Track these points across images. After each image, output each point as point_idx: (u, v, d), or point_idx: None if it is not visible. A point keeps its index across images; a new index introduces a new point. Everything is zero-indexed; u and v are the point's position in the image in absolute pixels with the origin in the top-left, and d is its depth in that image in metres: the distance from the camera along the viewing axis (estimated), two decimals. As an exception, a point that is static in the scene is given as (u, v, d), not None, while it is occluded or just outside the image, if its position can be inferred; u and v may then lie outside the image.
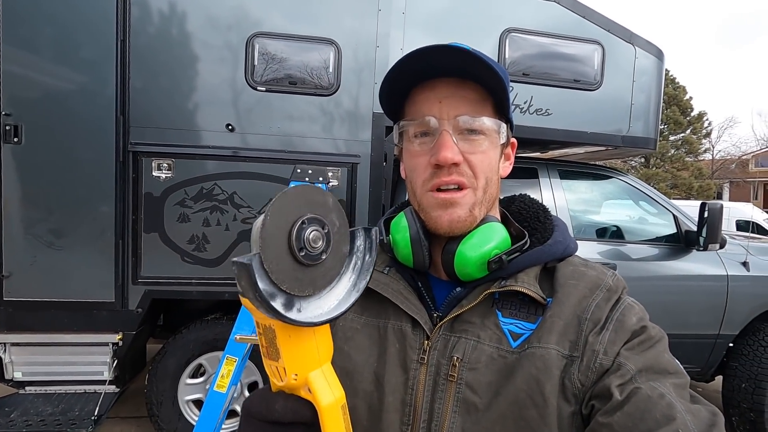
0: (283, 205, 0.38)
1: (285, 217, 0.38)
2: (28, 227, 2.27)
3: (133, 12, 2.31)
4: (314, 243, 0.39)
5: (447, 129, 0.58)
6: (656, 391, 0.49)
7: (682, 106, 21.39)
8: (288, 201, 0.39)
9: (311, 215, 0.39)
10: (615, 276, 0.62)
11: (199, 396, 2.60)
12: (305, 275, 0.39)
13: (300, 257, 0.39)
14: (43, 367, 2.39)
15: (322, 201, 0.41)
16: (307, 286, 0.40)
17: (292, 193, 0.39)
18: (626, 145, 2.89)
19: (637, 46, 2.85)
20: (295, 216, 0.39)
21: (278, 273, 0.37)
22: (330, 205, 0.42)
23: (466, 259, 0.60)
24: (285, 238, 0.38)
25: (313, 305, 0.41)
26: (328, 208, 0.41)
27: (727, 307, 2.88)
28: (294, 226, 0.38)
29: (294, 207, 0.39)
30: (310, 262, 0.39)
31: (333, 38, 2.48)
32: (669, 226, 3.07)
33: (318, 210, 0.40)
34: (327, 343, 0.45)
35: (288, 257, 0.38)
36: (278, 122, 2.47)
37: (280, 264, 0.37)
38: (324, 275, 0.41)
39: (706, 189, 20.27)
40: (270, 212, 0.37)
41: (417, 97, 0.61)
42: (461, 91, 0.59)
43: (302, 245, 0.39)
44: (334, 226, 0.42)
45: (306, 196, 0.40)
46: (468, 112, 0.59)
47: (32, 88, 2.24)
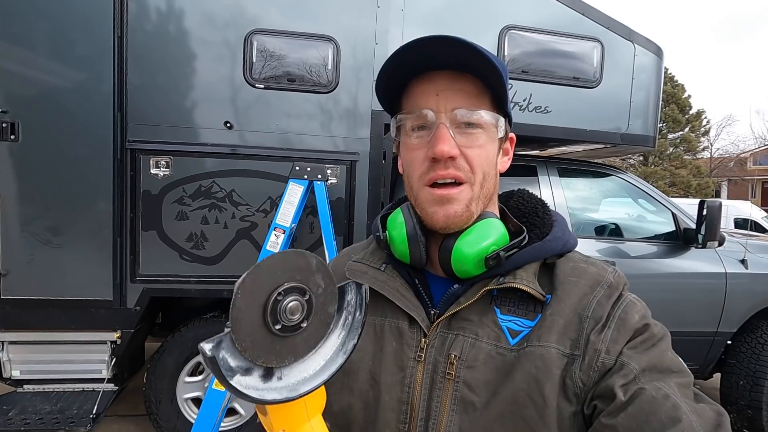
0: (257, 278, 0.37)
1: (259, 291, 0.37)
2: (25, 225, 2.26)
3: (130, 8, 2.30)
4: (291, 315, 0.38)
5: (444, 122, 0.57)
6: (661, 391, 0.48)
7: (680, 104, 21.41)
8: (262, 273, 0.37)
9: (289, 284, 0.38)
10: (616, 272, 0.61)
11: (197, 394, 2.60)
12: (284, 346, 0.38)
13: (276, 331, 0.37)
14: (41, 365, 2.38)
15: (304, 265, 0.39)
16: (287, 355, 0.38)
17: (266, 265, 0.37)
18: (625, 142, 2.89)
19: (636, 43, 2.84)
20: (270, 288, 0.37)
21: (252, 350, 0.36)
22: (313, 268, 0.40)
23: (463, 256, 0.59)
24: (259, 314, 0.37)
25: (296, 370, 0.40)
26: (311, 271, 0.40)
27: (726, 304, 2.88)
28: (269, 300, 0.37)
29: (270, 278, 0.37)
30: (288, 333, 0.38)
31: (332, 35, 2.47)
32: (668, 223, 3.07)
33: (298, 276, 0.39)
34: (317, 399, 0.44)
35: (263, 332, 0.37)
36: (277, 120, 2.46)
37: (255, 341, 0.36)
38: (306, 341, 0.40)
39: (705, 187, 20.31)
40: (241, 289, 0.35)
41: (414, 89, 0.60)
42: (459, 83, 0.58)
43: (278, 318, 0.37)
44: (318, 289, 0.40)
45: (285, 263, 0.38)
46: (465, 106, 0.58)
47: (29, 85, 2.22)
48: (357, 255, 0.70)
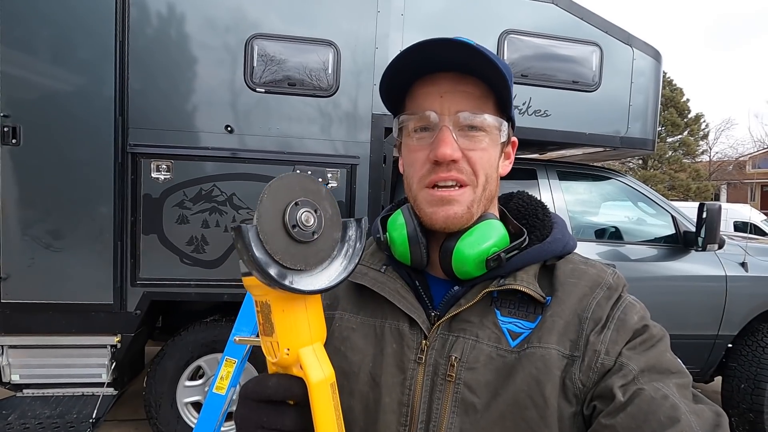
0: (280, 186, 0.42)
1: (281, 197, 0.42)
2: (26, 229, 2.26)
3: (132, 13, 2.32)
4: (306, 222, 0.42)
5: (447, 125, 0.57)
6: (660, 392, 0.49)
7: (679, 108, 21.48)
8: (284, 184, 0.42)
9: (305, 199, 0.43)
10: (615, 274, 0.61)
11: (197, 398, 2.59)
12: (297, 251, 0.42)
13: (293, 233, 0.42)
14: (41, 369, 2.37)
15: (316, 189, 0.44)
16: (299, 261, 0.42)
17: (288, 177, 0.43)
18: (624, 146, 2.90)
19: (634, 47, 2.86)
20: (290, 197, 0.42)
21: (272, 244, 0.40)
22: (323, 194, 0.45)
23: (464, 257, 0.59)
24: (280, 214, 0.41)
25: (305, 281, 0.43)
26: (321, 196, 0.45)
27: (726, 307, 2.88)
28: (288, 205, 0.42)
29: (289, 190, 0.42)
30: (302, 239, 0.42)
31: (332, 39, 2.48)
32: (667, 226, 3.08)
33: (311, 196, 0.44)
34: (319, 321, 0.47)
35: (282, 232, 0.41)
36: (277, 123, 2.47)
37: (275, 237, 0.41)
38: (315, 254, 0.44)
39: (704, 190, 20.33)
40: (267, 191, 0.41)
41: (418, 91, 0.60)
42: (463, 86, 0.58)
43: (295, 223, 0.42)
44: (327, 213, 0.45)
45: (301, 182, 0.44)
46: (469, 108, 0.58)
47: (31, 90, 2.23)
48: None
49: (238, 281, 2.44)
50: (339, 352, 0.63)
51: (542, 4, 2.69)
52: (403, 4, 2.55)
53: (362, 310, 0.65)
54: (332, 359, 0.63)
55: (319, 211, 0.44)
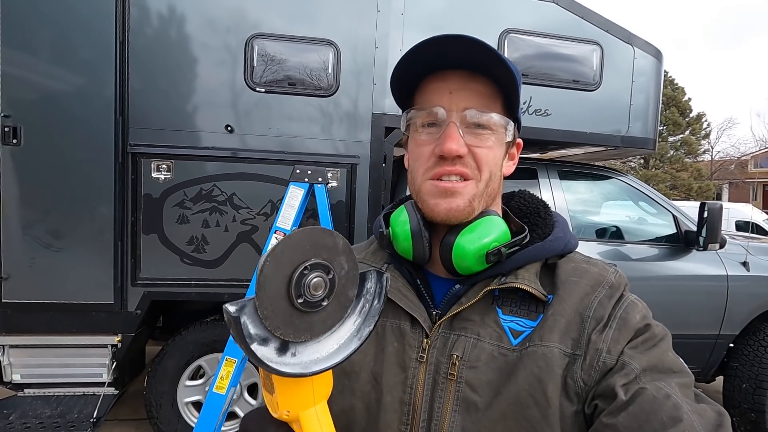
0: (286, 249, 0.37)
1: (286, 262, 0.37)
2: (26, 229, 2.27)
3: (132, 13, 2.32)
4: (315, 290, 0.38)
5: (454, 121, 0.58)
6: (662, 391, 0.48)
7: (681, 107, 21.44)
8: (291, 245, 0.37)
9: (315, 260, 0.38)
10: (617, 272, 0.61)
11: (198, 398, 2.59)
12: (302, 321, 0.38)
13: (298, 304, 0.38)
14: (42, 369, 2.38)
15: (331, 244, 0.40)
16: (304, 332, 0.39)
17: (297, 237, 0.38)
18: (625, 145, 2.89)
19: (635, 46, 2.85)
20: (297, 261, 0.37)
21: (272, 319, 0.36)
22: (339, 249, 0.40)
23: (464, 252, 0.59)
24: (284, 284, 0.37)
25: (310, 349, 0.40)
26: (337, 252, 0.40)
27: (728, 307, 2.87)
28: (295, 273, 0.37)
29: (298, 251, 0.38)
30: (308, 309, 0.38)
31: (332, 39, 2.48)
32: (669, 226, 3.07)
33: (325, 254, 0.39)
34: (324, 384, 0.44)
35: (285, 303, 0.37)
36: (277, 123, 2.47)
37: (276, 310, 0.37)
38: (323, 321, 0.40)
39: (706, 190, 20.30)
40: (271, 257, 0.36)
41: (427, 86, 0.61)
42: (472, 84, 0.59)
43: (301, 292, 0.37)
44: (342, 270, 0.40)
45: (313, 239, 0.39)
46: (477, 106, 0.58)
47: (31, 90, 2.24)
48: (358, 255, 0.70)
49: (238, 281, 2.44)
50: None
51: (543, 3, 2.68)
52: (403, 3, 2.54)
53: None
54: None
55: (332, 272, 0.39)
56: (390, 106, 2.54)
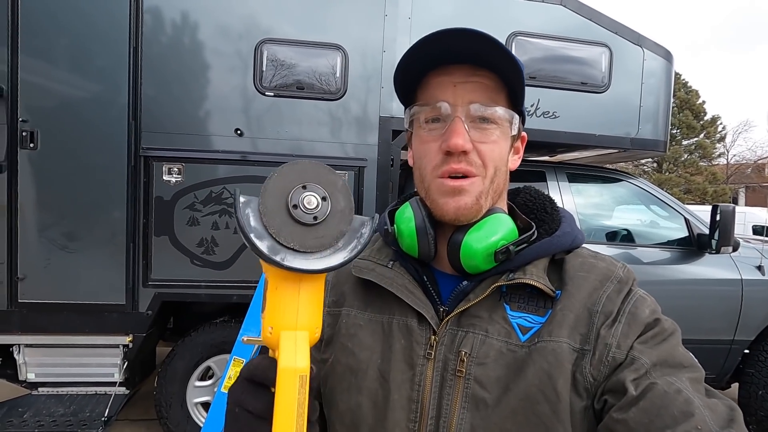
0: (293, 168, 0.43)
1: (290, 177, 0.42)
2: (42, 231, 2.33)
3: (145, 21, 2.38)
4: (308, 205, 0.42)
5: (459, 116, 0.57)
6: (673, 386, 0.48)
7: (694, 110, 21.11)
8: (297, 167, 0.43)
9: (315, 185, 0.43)
10: (625, 267, 0.60)
11: (207, 398, 2.62)
12: (294, 230, 0.42)
13: (292, 213, 0.42)
14: (56, 368, 2.43)
15: (331, 179, 0.44)
16: (294, 240, 0.42)
17: (304, 163, 0.43)
18: (635, 147, 2.86)
19: (645, 48, 2.83)
20: (300, 180, 0.43)
21: (269, 217, 0.41)
22: (338, 186, 0.44)
23: (472, 251, 0.58)
24: (284, 192, 0.42)
25: (298, 261, 0.43)
26: (335, 187, 0.44)
27: (742, 311, 2.81)
28: (296, 186, 0.42)
29: (301, 173, 0.43)
30: (301, 220, 0.42)
31: (340, 44, 2.51)
32: (681, 229, 3.02)
33: (324, 184, 0.43)
34: (311, 310, 0.46)
35: (283, 209, 0.42)
36: (286, 127, 2.50)
37: (273, 212, 0.41)
38: (314, 239, 0.43)
39: (721, 194, 19.90)
40: (278, 170, 0.42)
41: (431, 81, 0.60)
42: (476, 77, 0.58)
43: (296, 203, 0.42)
44: (338, 204, 0.44)
45: (316, 169, 0.44)
46: (481, 100, 0.58)
47: (48, 96, 2.30)
48: (363, 252, 0.70)
49: (247, 282, 2.47)
50: (346, 349, 0.62)
51: (550, 5, 2.68)
52: (410, 8, 2.57)
53: (369, 306, 0.64)
54: (340, 356, 0.63)
55: (328, 200, 0.43)
56: (397, 109, 2.56)
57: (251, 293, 2.28)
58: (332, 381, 0.63)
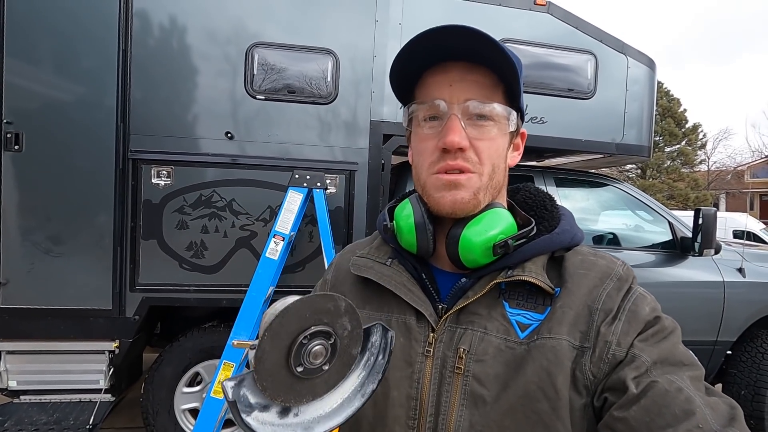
0: (284, 322, 0.37)
1: (285, 334, 0.37)
2: (26, 234, 2.28)
3: (134, 23, 2.36)
4: (315, 359, 0.38)
5: (456, 113, 0.57)
6: (674, 384, 0.48)
7: (676, 118, 21.61)
8: (290, 316, 0.37)
9: (315, 328, 0.38)
10: (625, 265, 0.61)
11: (195, 405, 2.58)
12: (303, 387, 0.39)
13: (298, 373, 0.38)
14: (39, 375, 2.36)
15: (332, 308, 0.39)
16: (305, 395, 0.39)
17: (295, 308, 0.38)
18: (620, 152, 2.93)
19: (629, 56, 2.90)
20: (296, 331, 0.38)
21: (273, 390, 0.37)
22: (341, 311, 0.40)
23: (471, 244, 0.58)
24: (283, 356, 0.37)
25: (313, 407, 0.40)
26: (339, 314, 0.40)
27: (725, 313, 2.88)
28: (294, 343, 0.37)
29: (297, 321, 0.38)
30: (309, 376, 0.38)
31: (331, 48, 2.52)
32: (665, 233, 3.09)
33: (325, 319, 0.39)
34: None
35: (285, 373, 0.38)
36: (277, 130, 2.50)
37: (276, 381, 0.37)
38: (326, 382, 0.40)
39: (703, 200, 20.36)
40: (268, 332, 0.36)
41: (428, 79, 0.60)
42: (473, 75, 0.58)
43: (301, 362, 0.38)
44: (344, 332, 0.40)
45: (313, 306, 0.38)
46: (478, 97, 0.58)
47: (34, 98, 2.26)
48: (362, 250, 0.69)
49: (237, 286, 2.45)
50: None
51: (537, 13, 2.74)
52: (401, 14, 2.60)
53: (368, 304, 0.64)
54: None
55: (333, 337, 0.39)
56: (388, 113, 2.58)
57: (241, 297, 2.26)
58: None
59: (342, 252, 0.77)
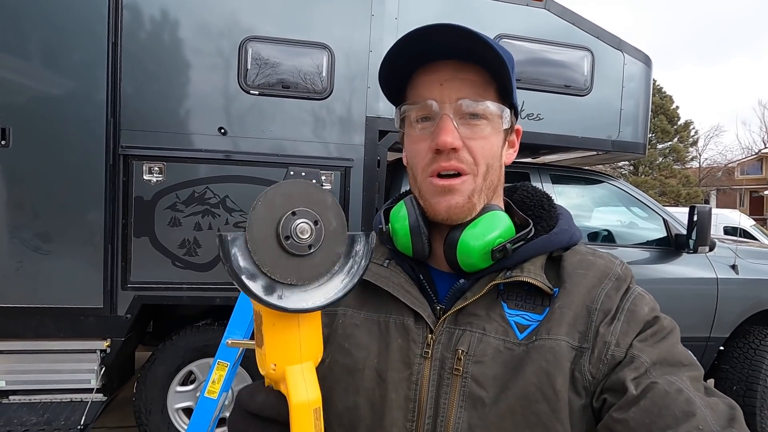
0: (278, 193, 0.40)
1: (277, 204, 0.39)
2: (14, 231, 2.23)
3: (125, 16, 2.31)
4: (301, 234, 0.40)
5: (448, 113, 0.56)
6: (674, 385, 0.48)
7: (669, 115, 21.82)
8: (282, 191, 0.40)
9: (304, 209, 0.40)
10: (623, 264, 0.60)
11: (189, 404, 2.55)
12: (290, 264, 0.40)
13: (285, 245, 0.39)
14: (28, 375, 2.32)
15: (320, 198, 0.42)
16: (291, 274, 0.40)
17: (288, 185, 0.40)
18: (616, 149, 2.93)
19: (625, 52, 2.90)
20: (287, 206, 0.40)
21: (260, 254, 0.38)
22: (327, 204, 0.42)
23: (469, 249, 0.57)
24: (273, 223, 0.39)
25: (297, 296, 0.41)
26: (326, 207, 0.42)
27: (718, 309, 2.91)
28: (284, 215, 0.39)
29: (288, 198, 0.40)
30: (295, 251, 0.40)
31: (326, 43, 2.49)
32: (659, 230, 3.11)
33: (313, 206, 0.41)
34: (313, 341, 0.45)
35: (273, 242, 0.39)
36: (271, 126, 2.47)
37: (265, 247, 0.39)
38: (311, 268, 0.41)
39: (694, 196, 20.61)
40: (263, 198, 0.39)
41: (418, 80, 0.59)
42: (463, 73, 0.57)
43: (289, 234, 0.39)
44: (330, 225, 0.42)
45: (303, 191, 0.41)
46: (470, 96, 0.57)
47: (21, 92, 2.21)
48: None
49: (230, 284, 2.42)
50: (343, 349, 0.62)
51: (535, 9, 2.72)
52: (397, 8, 2.57)
53: (365, 305, 0.63)
54: (336, 356, 0.62)
55: (320, 224, 0.41)
56: (384, 109, 2.55)
57: (235, 295, 2.23)
58: (330, 381, 0.62)
59: None
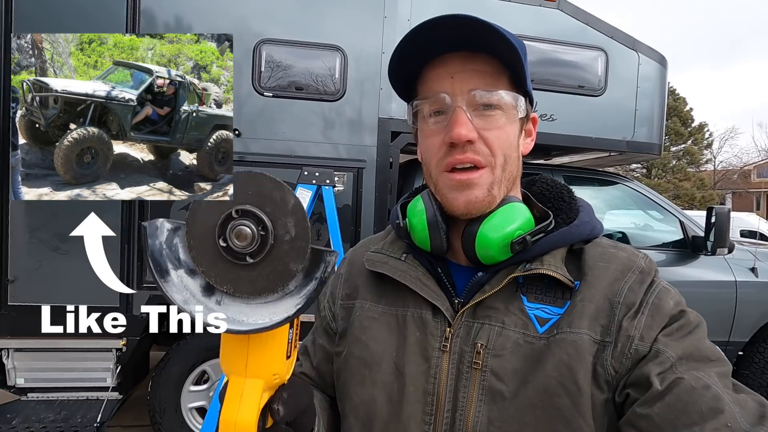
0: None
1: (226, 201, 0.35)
2: (33, 232, 2.27)
3: (141, 22, 2.35)
4: (237, 239, 0.34)
5: (461, 105, 0.55)
6: (701, 381, 0.47)
7: (682, 117, 21.51)
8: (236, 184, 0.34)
9: (252, 209, 0.33)
10: (647, 258, 0.59)
11: (202, 403, 2.57)
12: (227, 270, 0.35)
13: (220, 245, 0.34)
14: (46, 373, 2.36)
15: (279, 199, 0.34)
16: (226, 282, 0.35)
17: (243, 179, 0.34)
18: (631, 150, 2.89)
19: (640, 52, 2.87)
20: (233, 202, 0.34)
21: (197, 251, 0.34)
22: (288, 208, 0.34)
23: (488, 241, 0.57)
24: (214, 220, 0.34)
25: (236, 308, 0.35)
26: (285, 211, 0.34)
27: (737, 313, 2.84)
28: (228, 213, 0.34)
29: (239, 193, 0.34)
30: (231, 257, 0.34)
31: (339, 45, 2.50)
32: (675, 232, 3.05)
33: (268, 207, 0.34)
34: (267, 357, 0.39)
35: (210, 241, 0.34)
36: (285, 127, 2.48)
37: (202, 244, 0.34)
38: (251, 282, 0.35)
39: (709, 199, 20.22)
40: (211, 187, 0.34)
41: (428, 74, 0.59)
42: (473, 64, 0.56)
43: (225, 235, 0.34)
44: (286, 234, 0.34)
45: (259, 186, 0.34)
46: (482, 86, 0.56)
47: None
48: (375, 246, 0.68)
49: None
50: (360, 341, 0.61)
51: (547, 9, 2.71)
52: (409, 10, 2.57)
53: (383, 299, 0.63)
54: (353, 349, 0.62)
55: (270, 230, 0.34)
56: (396, 110, 2.56)
57: (249, 295, 2.25)
58: (346, 374, 0.62)
59: (355, 248, 0.76)
